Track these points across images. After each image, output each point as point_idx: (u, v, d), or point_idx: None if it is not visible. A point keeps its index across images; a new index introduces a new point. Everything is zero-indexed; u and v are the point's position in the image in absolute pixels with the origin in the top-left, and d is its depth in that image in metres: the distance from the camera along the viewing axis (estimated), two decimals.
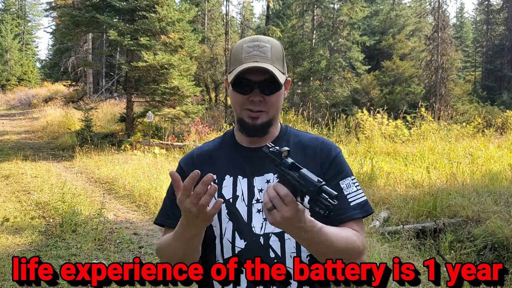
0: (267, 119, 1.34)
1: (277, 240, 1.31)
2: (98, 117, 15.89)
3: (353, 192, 1.35)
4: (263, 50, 1.31)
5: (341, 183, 1.35)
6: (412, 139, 11.03)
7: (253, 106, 1.32)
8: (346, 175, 1.37)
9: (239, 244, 1.32)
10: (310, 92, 18.63)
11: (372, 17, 26.92)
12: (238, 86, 1.32)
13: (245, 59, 1.30)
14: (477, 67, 34.62)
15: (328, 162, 1.37)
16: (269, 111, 1.34)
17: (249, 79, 1.30)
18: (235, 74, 1.30)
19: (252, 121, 1.33)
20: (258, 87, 1.30)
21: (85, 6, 13.19)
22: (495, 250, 4.56)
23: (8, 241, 5.32)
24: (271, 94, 1.32)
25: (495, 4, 32.47)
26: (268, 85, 1.31)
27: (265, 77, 1.30)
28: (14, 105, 27.55)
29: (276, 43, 1.36)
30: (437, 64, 22.06)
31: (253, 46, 1.32)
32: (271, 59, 1.31)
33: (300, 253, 1.31)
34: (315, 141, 1.42)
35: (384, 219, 5.50)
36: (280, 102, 1.37)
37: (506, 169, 7.38)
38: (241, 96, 1.33)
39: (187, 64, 12.98)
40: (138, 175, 8.39)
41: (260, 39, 1.34)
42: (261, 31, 21.16)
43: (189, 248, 1.29)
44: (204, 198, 1.13)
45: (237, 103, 1.34)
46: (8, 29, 38.88)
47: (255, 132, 1.34)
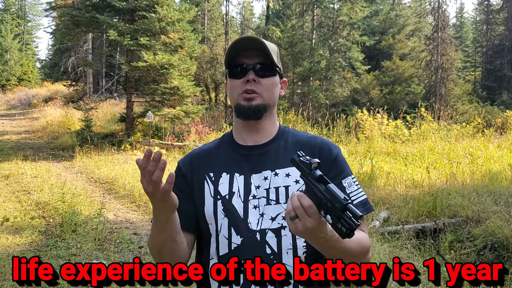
0: (261, 102, 1.37)
1: (274, 236, 1.31)
2: (98, 117, 15.90)
3: (354, 191, 1.36)
4: (257, 38, 1.39)
5: (343, 182, 1.36)
6: (412, 139, 11.03)
7: (248, 86, 1.36)
8: (347, 174, 1.39)
9: (236, 240, 1.32)
10: (310, 92, 18.64)
11: (372, 17, 26.92)
12: (234, 72, 1.39)
13: (239, 42, 1.38)
14: (477, 67, 34.62)
15: (329, 163, 1.38)
16: (263, 93, 1.37)
17: (244, 62, 1.37)
18: (229, 51, 1.38)
19: (247, 103, 1.36)
20: (252, 68, 1.37)
21: (85, 6, 13.19)
22: (495, 250, 4.56)
23: (8, 241, 5.32)
24: (265, 76, 1.38)
25: (495, 4, 32.48)
26: (262, 67, 1.37)
27: (259, 60, 1.37)
28: (14, 105, 27.55)
29: (271, 43, 1.43)
30: (437, 64, 22.06)
31: (247, 37, 1.40)
32: (265, 46, 1.38)
33: (297, 249, 1.32)
34: (314, 140, 1.44)
35: (384, 219, 5.50)
36: (274, 91, 1.41)
37: (506, 169, 7.38)
38: (237, 80, 1.38)
39: (187, 64, 12.99)
40: (138, 175, 8.34)
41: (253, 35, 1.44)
42: (261, 31, 21.14)
43: (165, 237, 1.29)
44: (155, 174, 1.14)
45: (234, 89, 1.39)
46: (8, 29, 38.89)
47: (250, 114, 1.37)
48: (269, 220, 1.32)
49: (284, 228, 1.31)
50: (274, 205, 1.33)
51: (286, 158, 1.33)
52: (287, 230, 1.31)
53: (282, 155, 1.39)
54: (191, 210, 1.39)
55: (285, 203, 1.33)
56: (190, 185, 1.40)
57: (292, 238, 1.32)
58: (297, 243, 1.32)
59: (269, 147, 1.41)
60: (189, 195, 1.40)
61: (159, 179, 1.15)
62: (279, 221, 1.32)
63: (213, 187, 1.38)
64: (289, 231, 1.31)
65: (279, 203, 1.33)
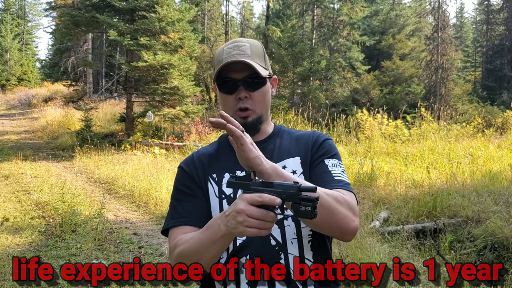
0: (256, 116, 1.40)
1: (277, 228, 1.32)
2: (98, 117, 15.89)
3: (338, 172, 1.37)
4: (242, 48, 1.38)
5: (326, 161, 1.39)
6: (412, 139, 11.02)
7: (241, 104, 1.37)
8: (334, 156, 1.41)
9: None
10: (310, 92, 18.63)
11: (372, 17, 26.93)
12: (224, 87, 1.39)
13: (226, 59, 1.37)
14: (477, 67, 34.62)
15: (317, 145, 1.42)
16: (255, 108, 1.39)
17: (232, 77, 1.37)
18: (217, 72, 1.37)
19: (243, 121, 1.38)
20: (242, 84, 1.37)
21: (85, 6, 13.19)
22: (495, 250, 4.56)
23: (8, 241, 5.32)
24: (255, 90, 1.38)
25: (495, 4, 32.46)
26: (251, 81, 1.37)
27: (246, 74, 1.37)
28: (14, 105, 27.53)
29: (255, 42, 1.43)
30: (437, 64, 22.06)
31: (233, 47, 1.39)
32: (250, 55, 1.37)
33: (301, 238, 1.33)
34: (307, 133, 1.49)
35: (384, 219, 5.50)
36: (266, 98, 1.42)
37: (506, 169, 7.38)
38: (228, 96, 1.39)
39: (187, 64, 12.98)
40: (138, 175, 8.39)
41: (239, 40, 1.42)
42: (261, 31, 21.15)
43: (214, 251, 1.23)
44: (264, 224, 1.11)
45: (228, 105, 1.40)
46: (8, 29, 38.87)
47: (247, 129, 1.36)
48: None
49: (287, 218, 1.33)
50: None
51: (283, 152, 1.41)
52: (289, 220, 1.33)
53: (278, 150, 1.43)
54: (204, 209, 1.38)
55: None
56: (200, 185, 1.41)
57: (296, 227, 1.33)
58: (302, 232, 1.33)
59: (267, 143, 1.44)
60: (199, 193, 1.40)
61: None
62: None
63: (217, 187, 1.39)
64: (292, 221, 1.33)
65: None
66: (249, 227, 1.10)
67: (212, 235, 1.20)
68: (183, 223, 1.34)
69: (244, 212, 1.09)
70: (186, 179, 1.42)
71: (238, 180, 1.16)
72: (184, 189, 1.40)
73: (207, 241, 1.21)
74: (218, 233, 1.18)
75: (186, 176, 1.42)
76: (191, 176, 1.42)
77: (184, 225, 1.34)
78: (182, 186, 1.41)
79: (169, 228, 1.37)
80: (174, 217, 1.38)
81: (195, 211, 1.34)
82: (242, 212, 1.10)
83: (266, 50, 1.50)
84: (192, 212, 1.35)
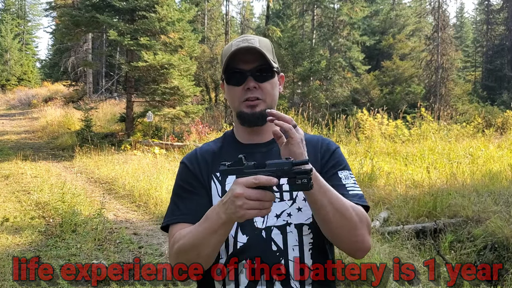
0: (265, 107, 1.36)
1: (279, 233, 1.32)
2: (98, 117, 15.89)
3: (351, 185, 1.37)
4: (251, 41, 1.36)
5: (339, 173, 1.38)
6: (412, 139, 11.01)
7: (250, 93, 1.35)
8: (345, 168, 1.41)
9: (241, 239, 1.32)
10: (310, 92, 18.63)
11: (372, 17, 26.92)
12: (232, 79, 1.36)
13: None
14: (477, 67, 34.61)
15: (328, 155, 1.41)
16: (265, 99, 1.37)
17: (241, 68, 1.35)
18: (225, 63, 1.35)
19: (251, 110, 1.36)
20: (251, 74, 1.34)
21: (85, 6, 13.18)
22: (495, 250, 4.56)
23: (8, 241, 5.32)
24: (265, 81, 1.36)
25: (495, 4, 32.46)
26: (260, 72, 1.35)
27: (256, 64, 1.35)
28: (14, 105, 27.52)
29: (264, 38, 1.42)
30: (437, 64, 22.06)
31: (242, 40, 1.37)
32: (260, 48, 1.35)
33: (303, 245, 1.32)
34: (314, 137, 1.47)
35: (384, 219, 5.50)
36: (275, 92, 1.40)
37: (506, 169, 7.38)
38: (236, 88, 1.36)
39: (187, 64, 12.98)
40: (138, 175, 8.39)
41: (248, 35, 1.40)
42: (261, 31, 21.16)
43: (214, 241, 1.23)
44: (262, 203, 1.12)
45: (235, 96, 1.37)
46: (8, 29, 38.85)
47: (255, 121, 1.37)
48: (274, 218, 1.33)
49: (289, 225, 1.32)
50: (279, 202, 1.34)
51: None
52: (292, 226, 1.32)
53: None
54: (205, 208, 1.35)
55: (289, 200, 1.35)
56: (202, 183, 1.40)
57: (298, 234, 1.32)
58: (303, 239, 1.32)
59: (273, 145, 1.41)
60: (201, 191, 1.39)
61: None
62: (284, 218, 1.33)
63: (221, 187, 1.38)
64: (294, 228, 1.32)
65: (283, 200, 1.34)
66: (249, 209, 1.10)
67: (211, 225, 1.19)
68: (183, 220, 1.34)
69: (242, 196, 1.09)
70: (188, 176, 1.40)
71: (230, 167, 1.16)
72: (186, 186, 1.39)
73: (207, 232, 1.20)
74: (218, 222, 1.17)
75: (189, 173, 1.41)
76: (194, 174, 1.40)
77: (184, 222, 1.33)
78: (184, 183, 1.40)
79: (170, 224, 1.37)
80: (175, 213, 1.37)
81: (197, 209, 1.34)
82: (240, 196, 1.10)
83: None
84: (193, 210, 1.34)
